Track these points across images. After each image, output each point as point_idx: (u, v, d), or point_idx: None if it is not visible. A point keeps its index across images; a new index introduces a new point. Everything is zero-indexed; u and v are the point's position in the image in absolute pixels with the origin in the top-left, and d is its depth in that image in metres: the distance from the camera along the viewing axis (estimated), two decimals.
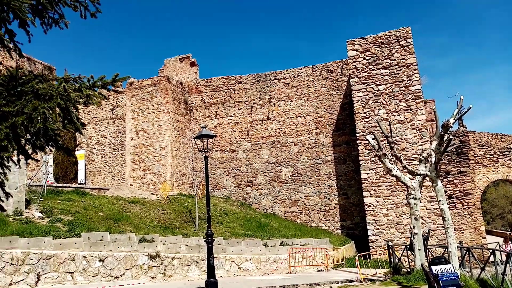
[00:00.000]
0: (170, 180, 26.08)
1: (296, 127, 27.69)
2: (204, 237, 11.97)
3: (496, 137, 24.26)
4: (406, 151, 21.66)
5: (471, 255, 15.31)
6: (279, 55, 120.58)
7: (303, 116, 27.61)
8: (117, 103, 31.69)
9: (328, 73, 27.48)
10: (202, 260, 14.90)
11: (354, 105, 23.53)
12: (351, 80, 23.99)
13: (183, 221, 20.46)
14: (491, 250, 14.41)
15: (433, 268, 9.29)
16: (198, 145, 12.79)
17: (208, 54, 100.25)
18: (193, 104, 30.55)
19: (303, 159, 27.03)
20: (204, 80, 31.04)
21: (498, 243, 20.67)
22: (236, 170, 28.62)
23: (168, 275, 14.59)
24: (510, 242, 21.80)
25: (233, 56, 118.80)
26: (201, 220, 20.14)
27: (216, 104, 30.01)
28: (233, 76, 30.10)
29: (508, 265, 12.09)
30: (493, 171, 23.75)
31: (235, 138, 29.06)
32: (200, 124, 28.05)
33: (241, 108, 29.27)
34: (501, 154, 23.84)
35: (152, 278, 14.14)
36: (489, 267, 13.94)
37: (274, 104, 28.49)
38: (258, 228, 21.80)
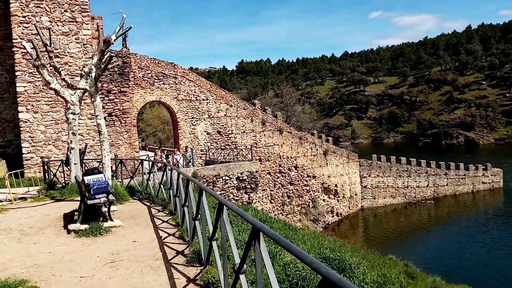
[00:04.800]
0: None
1: None
2: None
3: (154, 62, 26.74)
4: (69, 66, 20.74)
5: (123, 167, 17.02)
6: None
7: None
8: None
9: None
10: None
11: (11, 5, 20.09)
12: None
13: None
14: (140, 161, 16.48)
15: (86, 178, 9.66)
16: None
17: None
18: None
19: None
20: None
21: (148, 155, 23.78)
22: None
23: None
24: (162, 156, 25.48)
25: None
26: None
27: None
28: None
29: (151, 174, 14.22)
30: (149, 93, 26.44)
31: None
32: None
33: None
34: (157, 78, 26.72)
35: None
36: (140, 176, 15.99)
37: None
38: None
